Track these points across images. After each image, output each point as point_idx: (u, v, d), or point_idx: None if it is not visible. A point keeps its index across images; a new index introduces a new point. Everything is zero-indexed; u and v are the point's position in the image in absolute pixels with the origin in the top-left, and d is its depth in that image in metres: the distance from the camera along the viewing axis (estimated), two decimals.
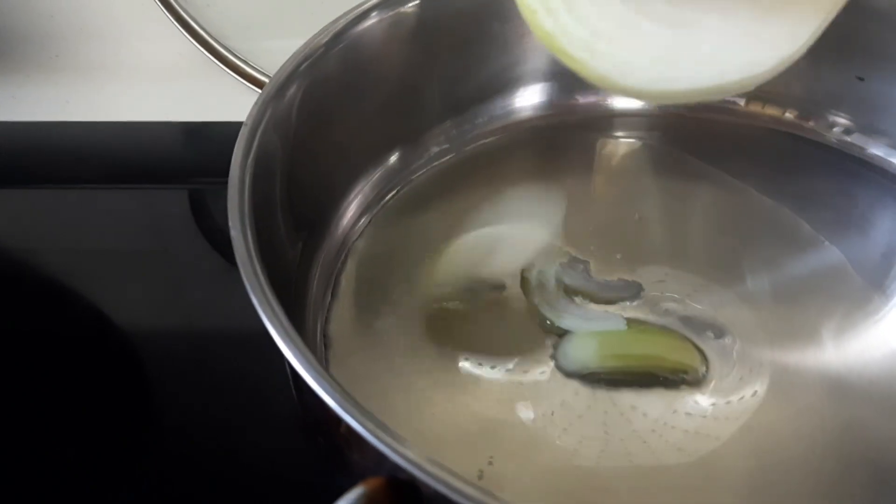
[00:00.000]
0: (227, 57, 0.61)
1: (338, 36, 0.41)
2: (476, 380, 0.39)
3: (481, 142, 0.51)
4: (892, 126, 0.50)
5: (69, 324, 0.46)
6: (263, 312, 0.29)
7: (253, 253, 0.31)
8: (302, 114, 0.39)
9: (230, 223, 0.32)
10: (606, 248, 0.45)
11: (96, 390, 0.42)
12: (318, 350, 0.39)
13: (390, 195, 0.48)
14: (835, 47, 0.49)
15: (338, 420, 0.26)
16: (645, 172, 0.51)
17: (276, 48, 0.41)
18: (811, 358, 0.40)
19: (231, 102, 0.58)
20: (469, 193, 0.48)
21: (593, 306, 0.42)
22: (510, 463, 0.36)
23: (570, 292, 0.42)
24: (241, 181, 0.34)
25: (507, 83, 0.52)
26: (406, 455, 0.25)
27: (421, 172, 0.49)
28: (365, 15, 0.42)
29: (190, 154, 0.59)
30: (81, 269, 0.49)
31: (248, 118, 0.36)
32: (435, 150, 0.50)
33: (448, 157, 0.50)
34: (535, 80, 0.52)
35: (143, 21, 0.61)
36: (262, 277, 0.30)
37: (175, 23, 0.60)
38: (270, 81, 0.38)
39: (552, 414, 0.38)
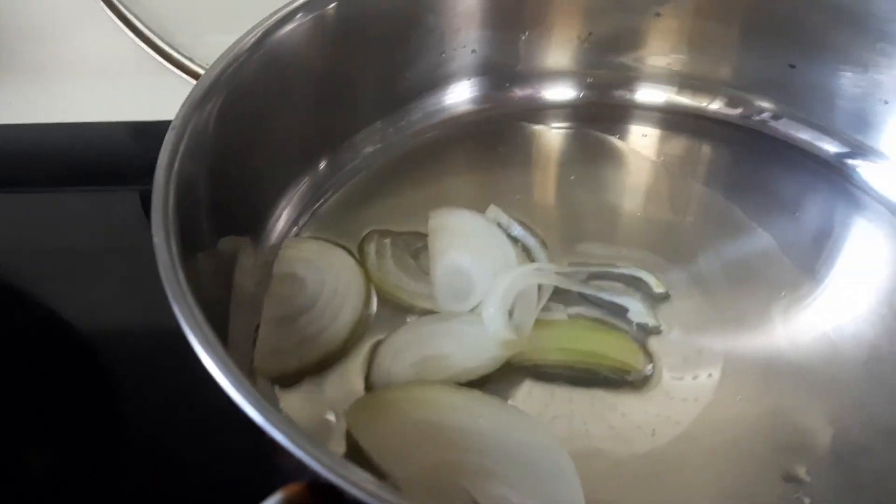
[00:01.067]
0: (170, 54, 0.60)
1: (261, 39, 0.41)
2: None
3: (418, 139, 0.51)
4: (819, 111, 0.50)
5: (25, 326, 0.46)
6: (184, 320, 0.29)
7: (176, 261, 0.31)
8: (227, 120, 0.39)
9: (153, 230, 0.32)
10: (549, 236, 0.45)
11: (53, 390, 0.42)
12: (246, 356, 0.39)
13: (327, 195, 0.47)
14: (767, 34, 0.50)
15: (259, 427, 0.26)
16: (579, 161, 0.52)
17: (221, 43, 0.41)
18: (743, 344, 0.41)
19: (177, 100, 0.57)
20: (408, 190, 0.48)
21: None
22: None
23: None
24: (166, 188, 0.34)
25: (440, 79, 0.51)
26: (323, 461, 0.25)
27: (356, 173, 0.49)
28: (289, 17, 0.42)
29: (139, 154, 0.58)
30: (35, 272, 0.48)
31: (173, 123, 0.36)
32: (369, 150, 0.50)
33: (384, 157, 0.50)
34: (467, 74, 0.52)
35: (85, 19, 0.60)
36: (184, 285, 0.30)
37: (116, 20, 0.60)
38: (195, 87, 0.38)
39: None
